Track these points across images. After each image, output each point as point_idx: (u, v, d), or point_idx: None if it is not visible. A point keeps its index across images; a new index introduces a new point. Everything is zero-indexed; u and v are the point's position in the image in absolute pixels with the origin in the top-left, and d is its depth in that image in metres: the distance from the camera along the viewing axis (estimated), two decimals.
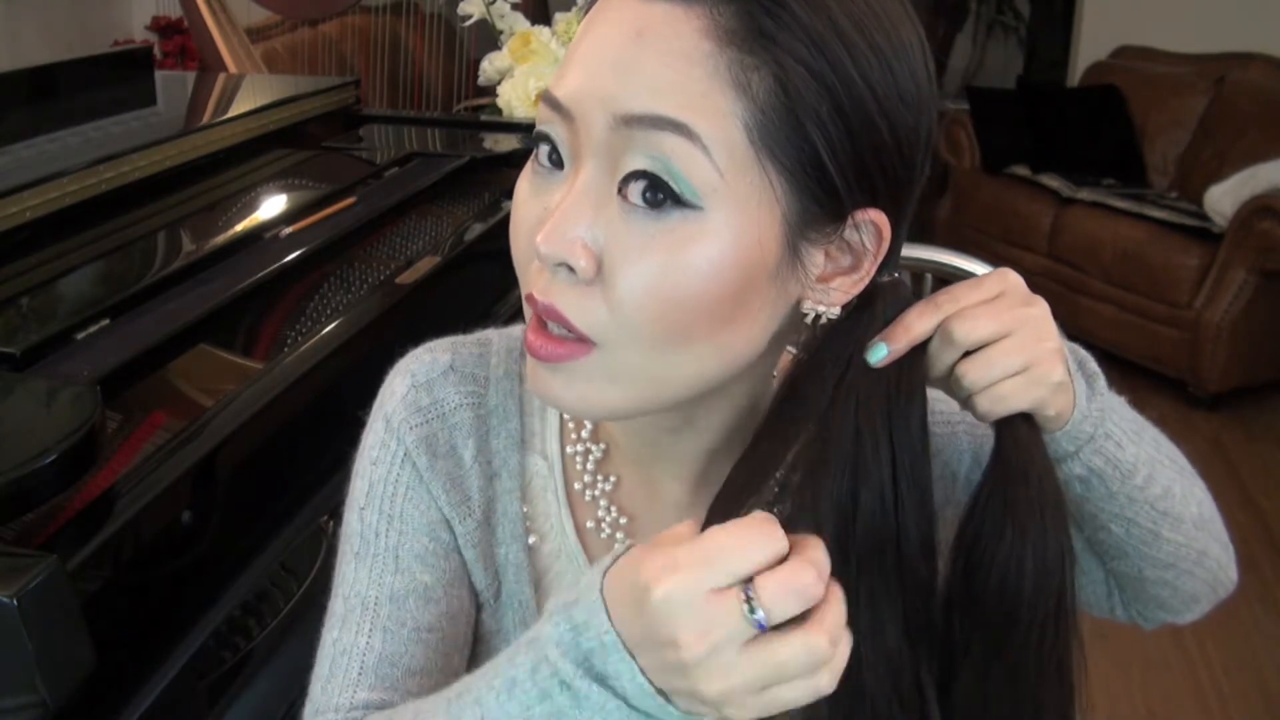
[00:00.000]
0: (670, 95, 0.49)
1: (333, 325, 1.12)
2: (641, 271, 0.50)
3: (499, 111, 1.93)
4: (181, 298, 1.12)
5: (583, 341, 0.53)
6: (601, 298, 0.51)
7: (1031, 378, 0.55)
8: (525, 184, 0.56)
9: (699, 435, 0.62)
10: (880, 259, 0.55)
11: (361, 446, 0.67)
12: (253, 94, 1.88)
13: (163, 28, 3.45)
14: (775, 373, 0.65)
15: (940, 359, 0.56)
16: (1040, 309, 0.56)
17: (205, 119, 1.72)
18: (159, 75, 1.97)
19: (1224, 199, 3.39)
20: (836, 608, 0.45)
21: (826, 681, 0.45)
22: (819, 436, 0.55)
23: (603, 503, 0.66)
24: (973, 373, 0.55)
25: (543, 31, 1.92)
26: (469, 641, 0.66)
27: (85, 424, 0.78)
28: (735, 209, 0.50)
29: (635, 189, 0.50)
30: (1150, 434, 0.63)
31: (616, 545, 0.63)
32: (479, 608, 0.67)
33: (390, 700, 0.61)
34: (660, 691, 0.46)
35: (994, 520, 0.55)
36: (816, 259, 0.54)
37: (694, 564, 0.44)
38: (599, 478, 0.66)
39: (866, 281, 0.55)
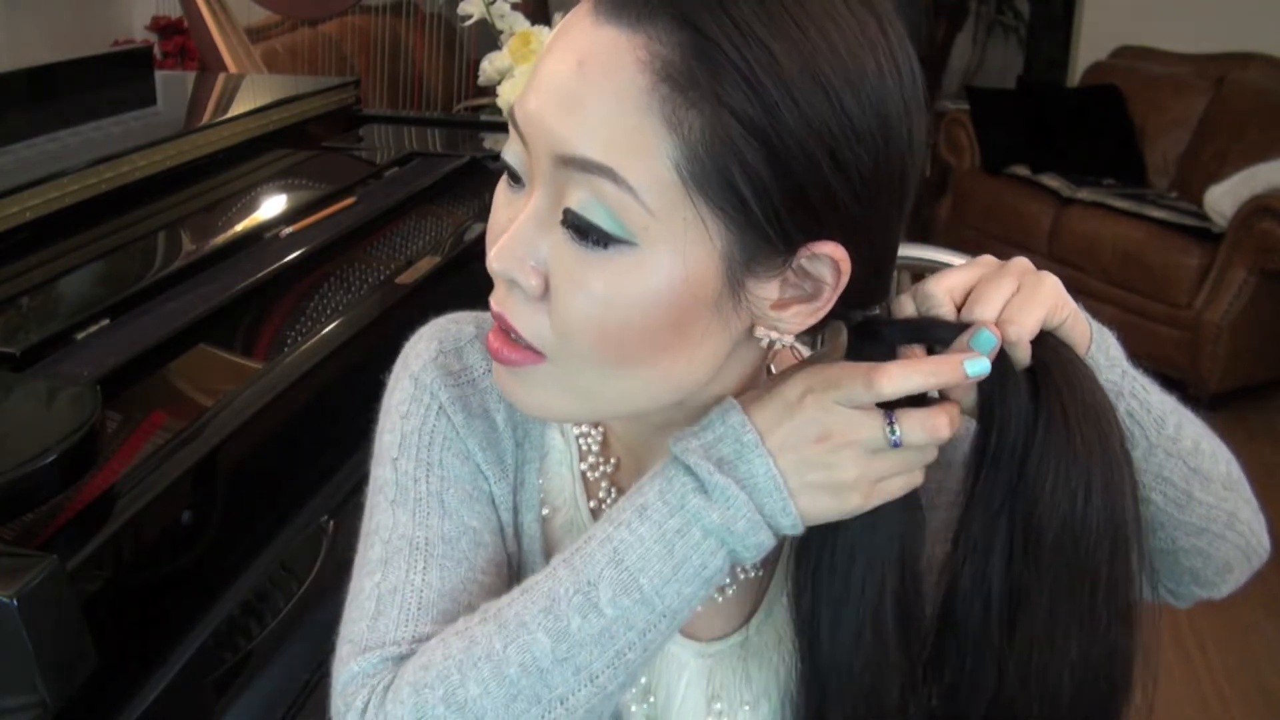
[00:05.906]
0: (601, 136, 0.50)
1: (333, 325, 1.12)
2: (581, 299, 0.52)
3: (499, 111, 1.92)
4: (181, 298, 1.12)
5: (535, 351, 0.55)
6: (548, 315, 0.54)
7: (1029, 289, 0.56)
8: (501, 192, 0.58)
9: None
10: (839, 290, 0.54)
11: (387, 404, 0.66)
12: (253, 94, 1.88)
13: (163, 28, 3.45)
14: (773, 367, 0.65)
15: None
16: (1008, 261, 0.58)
17: (205, 119, 1.72)
18: (159, 75, 1.97)
19: (1224, 199, 3.38)
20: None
21: (919, 477, 0.56)
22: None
23: (604, 483, 0.68)
24: (975, 308, 0.56)
25: (543, 31, 1.92)
26: None
27: (85, 424, 0.78)
28: (670, 244, 0.51)
29: (573, 224, 0.52)
30: (1168, 394, 0.64)
31: None
32: None
33: None
34: (786, 490, 0.53)
35: (1056, 440, 0.55)
36: (768, 289, 0.54)
37: (853, 380, 0.53)
38: (601, 459, 0.68)
39: (826, 310, 0.55)
